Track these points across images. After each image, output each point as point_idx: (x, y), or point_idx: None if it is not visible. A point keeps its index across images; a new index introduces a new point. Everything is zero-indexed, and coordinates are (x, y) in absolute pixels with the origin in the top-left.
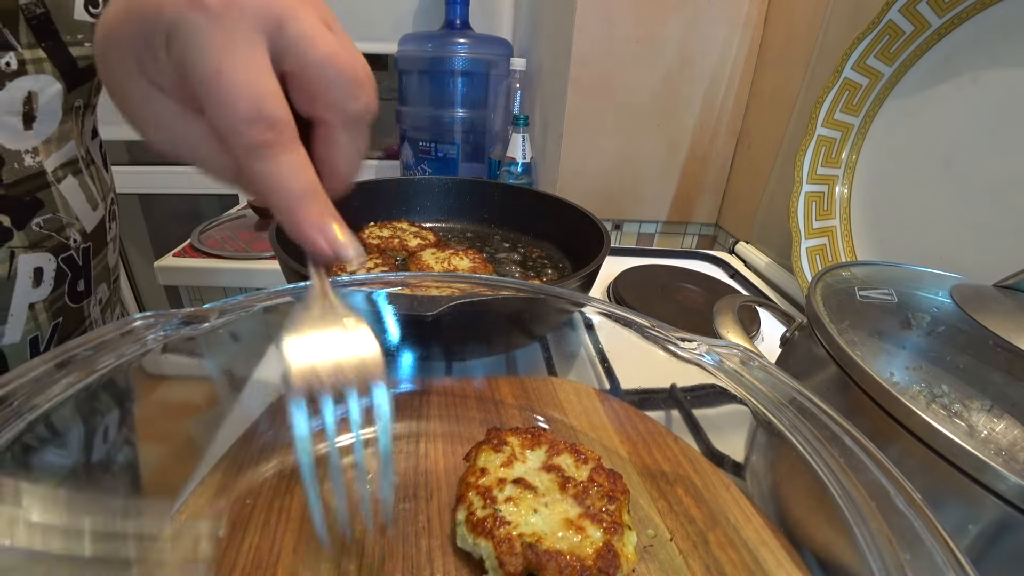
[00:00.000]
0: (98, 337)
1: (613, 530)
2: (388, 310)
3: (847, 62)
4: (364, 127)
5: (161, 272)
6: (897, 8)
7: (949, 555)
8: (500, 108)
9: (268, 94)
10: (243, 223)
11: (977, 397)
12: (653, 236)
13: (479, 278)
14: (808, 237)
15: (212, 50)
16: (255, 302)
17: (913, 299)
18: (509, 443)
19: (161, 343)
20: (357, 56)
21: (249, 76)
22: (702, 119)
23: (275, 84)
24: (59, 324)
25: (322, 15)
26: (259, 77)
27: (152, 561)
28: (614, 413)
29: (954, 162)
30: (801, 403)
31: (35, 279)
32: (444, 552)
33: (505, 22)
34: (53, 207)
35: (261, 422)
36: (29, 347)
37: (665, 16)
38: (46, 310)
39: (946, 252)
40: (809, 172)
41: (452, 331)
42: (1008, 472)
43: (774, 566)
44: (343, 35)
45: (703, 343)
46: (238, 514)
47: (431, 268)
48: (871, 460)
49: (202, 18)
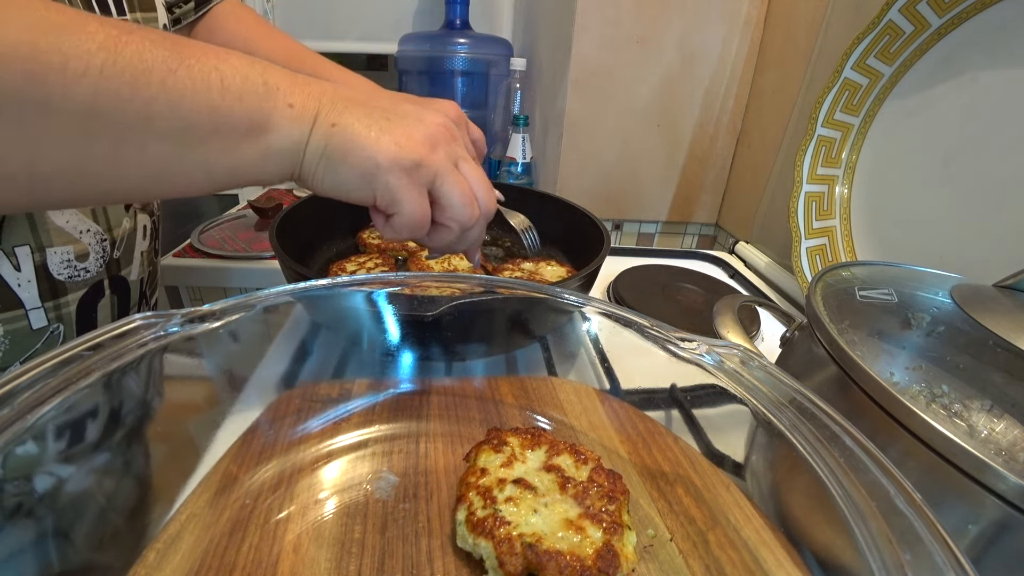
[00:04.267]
0: (98, 337)
1: (613, 530)
2: (388, 310)
3: (847, 62)
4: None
5: (161, 272)
6: (897, 8)
7: (949, 555)
8: (500, 108)
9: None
10: (243, 223)
11: (977, 397)
12: (653, 236)
13: (479, 278)
14: (808, 237)
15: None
16: (255, 302)
17: (913, 299)
18: (509, 443)
19: (161, 343)
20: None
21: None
22: (702, 119)
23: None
24: (150, 271)
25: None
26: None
27: None
28: (614, 413)
29: (954, 162)
30: (801, 403)
31: (143, 233)
32: (444, 552)
33: (505, 22)
34: None
35: (261, 422)
36: (139, 285)
37: (665, 16)
38: (146, 258)
39: (946, 252)
40: (809, 172)
41: (452, 331)
42: (1008, 472)
43: (774, 566)
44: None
45: (703, 343)
46: (238, 514)
47: (431, 268)
48: (871, 460)
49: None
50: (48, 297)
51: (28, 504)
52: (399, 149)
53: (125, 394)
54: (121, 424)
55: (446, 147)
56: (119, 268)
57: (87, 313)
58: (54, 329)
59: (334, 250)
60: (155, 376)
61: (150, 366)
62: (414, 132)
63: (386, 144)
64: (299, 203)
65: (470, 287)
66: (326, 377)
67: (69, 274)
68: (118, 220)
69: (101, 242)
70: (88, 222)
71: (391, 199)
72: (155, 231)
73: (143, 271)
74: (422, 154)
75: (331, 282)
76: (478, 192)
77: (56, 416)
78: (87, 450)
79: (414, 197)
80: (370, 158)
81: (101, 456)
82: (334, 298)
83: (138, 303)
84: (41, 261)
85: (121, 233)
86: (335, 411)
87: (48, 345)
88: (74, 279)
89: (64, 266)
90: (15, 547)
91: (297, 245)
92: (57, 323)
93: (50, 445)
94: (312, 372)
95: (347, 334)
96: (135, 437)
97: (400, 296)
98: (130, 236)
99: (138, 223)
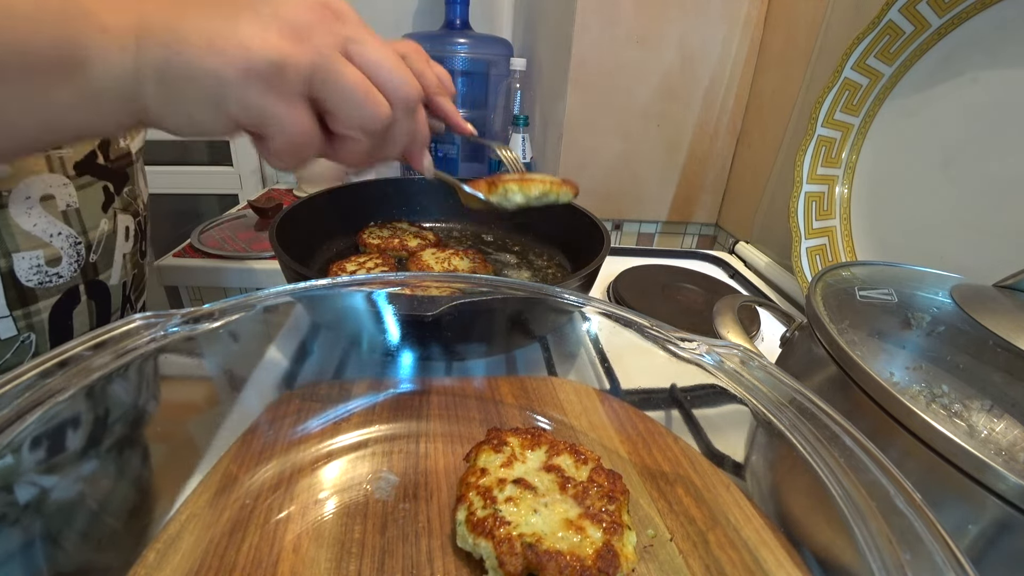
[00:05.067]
0: (99, 336)
1: (613, 530)
2: (388, 310)
3: (847, 62)
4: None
5: (161, 272)
6: (897, 8)
7: (949, 555)
8: (500, 108)
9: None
10: (243, 223)
11: (977, 397)
12: (653, 236)
13: (479, 278)
14: (808, 237)
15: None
16: (255, 302)
17: (913, 299)
18: (509, 443)
19: (161, 343)
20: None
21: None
22: (702, 119)
23: None
24: (135, 275)
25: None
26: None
27: None
28: (614, 413)
29: (954, 162)
30: (801, 403)
31: (125, 234)
32: (444, 552)
33: (505, 22)
34: (133, 180)
35: (261, 422)
36: (121, 289)
37: (665, 16)
38: (129, 261)
39: (946, 252)
40: (809, 172)
41: (452, 331)
42: (1008, 472)
43: (774, 566)
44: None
45: (703, 343)
46: (238, 514)
47: (431, 268)
48: (871, 460)
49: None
50: (16, 305)
51: (13, 515)
52: (248, 53)
53: (112, 401)
54: (109, 431)
55: (322, 33)
56: (97, 272)
57: (61, 321)
58: (25, 339)
59: (334, 250)
60: (148, 380)
61: (140, 370)
62: (269, 25)
63: (231, 51)
64: (299, 203)
65: (470, 287)
66: (326, 377)
67: (39, 280)
68: (94, 222)
69: (75, 245)
70: (60, 225)
71: (256, 120)
72: (141, 232)
73: (126, 275)
74: (283, 51)
75: (331, 282)
76: (383, 78)
77: (37, 428)
78: (72, 459)
79: (284, 111)
80: (213, 74)
81: (89, 464)
82: (334, 298)
83: (121, 308)
84: (8, 267)
85: (98, 235)
86: (335, 411)
87: (19, 356)
88: (45, 285)
89: (33, 272)
90: (2, 554)
91: (297, 245)
92: (28, 332)
93: (25, 457)
94: (312, 372)
95: (347, 334)
96: (128, 442)
97: (400, 296)
98: (109, 238)
99: (119, 224)
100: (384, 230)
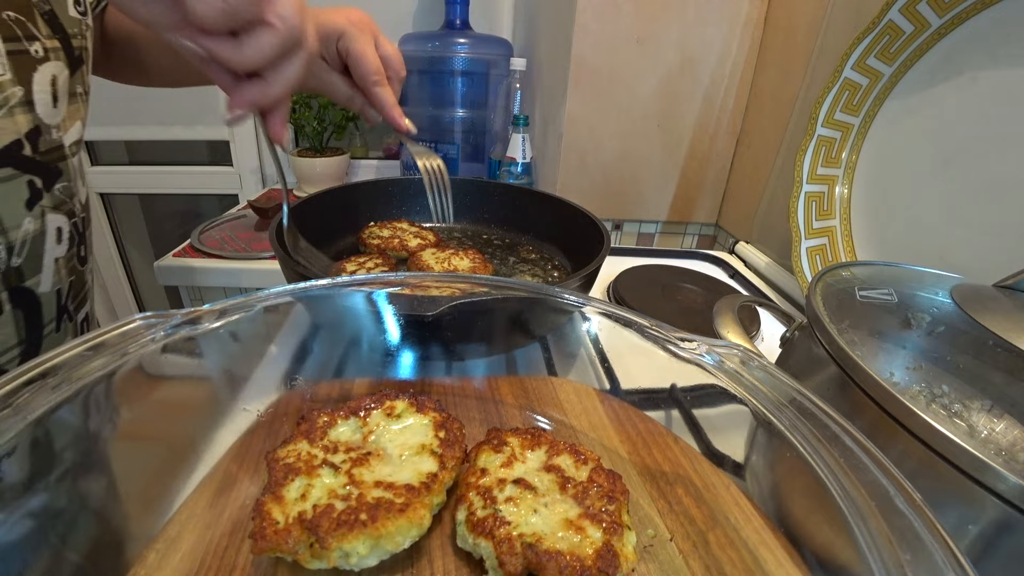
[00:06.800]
0: (99, 336)
1: (613, 530)
2: (388, 310)
3: (847, 62)
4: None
5: (161, 272)
6: (897, 8)
7: (949, 555)
8: (500, 108)
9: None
10: (243, 223)
11: (977, 397)
12: (653, 236)
13: (479, 278)
14: (808, 237)
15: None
16: (255, 302)
17: (913, 299)
18: (509, 443)
19: (161, 343)
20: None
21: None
22: (702, 119)
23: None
24: (72, 282)
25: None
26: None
27: None
28: (614, 413)
29: (954, 162)
30: (801, 403)
31: (57, 236)
32: (444, 552)
33: (505, 22)
34: (68, 176)
35: (261, 422)
36: (56, 298)
37: (665, 16)
38: (64, 266)
39: (946, 252)
40: (809, 172)
41: (452, 331)
42: (1008, 472)
43: (774, 566)
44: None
45: (703, 343)
46: (238, 514)
47: (431, 268)
48: (871, 460)
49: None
50: None
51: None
52: None
53: (56, 431)
54: (58, 461)
55: None
56: (22, 278)
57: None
58: None
59: (334, 250)
60: (100, 404)
61: (87, 399)
62: None
63: None
64: (299, 203)
65: (470, 287)
66: (326, 377)
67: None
68: (15, 221)
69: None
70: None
71: None
72: (79, 235)
73: (60, 281)
74: None
75: (331, 282)
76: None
77: (56, 416)
78: (14, 491)
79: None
80: None
81: (35, 499)
82: (334, 298)
83: (56, 319)
84: None
85: (21, 236)
86: None
87: None
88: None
89: None
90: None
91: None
92: None
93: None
94: (312, 372)
95: (347, 334)
96: (83, 472)
97: (400, 296)
98: (35, 240)
99: (47, 225)
100: (384, 230)
